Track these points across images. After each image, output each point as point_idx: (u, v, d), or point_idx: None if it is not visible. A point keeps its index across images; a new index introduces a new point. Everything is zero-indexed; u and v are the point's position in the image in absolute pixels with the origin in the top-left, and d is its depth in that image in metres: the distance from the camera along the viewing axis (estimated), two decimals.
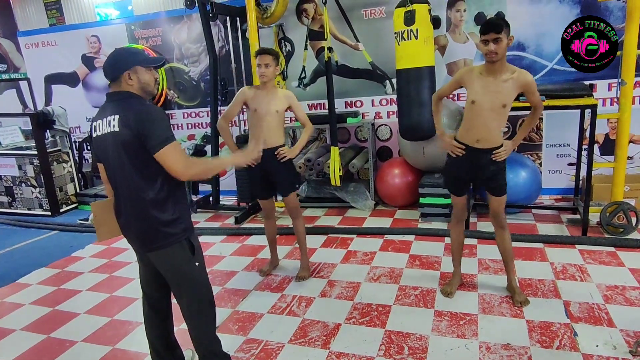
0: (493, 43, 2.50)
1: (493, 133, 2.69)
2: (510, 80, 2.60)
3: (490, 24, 2.53)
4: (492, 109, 2.63)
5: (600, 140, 4.76)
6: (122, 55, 2.03)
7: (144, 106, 1.97)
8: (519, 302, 2.88)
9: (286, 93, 3.33)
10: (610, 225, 3.82)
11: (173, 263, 2.08)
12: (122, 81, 1.99)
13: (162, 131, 1.91)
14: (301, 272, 3.54)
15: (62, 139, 6.12)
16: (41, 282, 3.86)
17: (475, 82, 2.66)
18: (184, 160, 1.93)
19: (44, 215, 5.91)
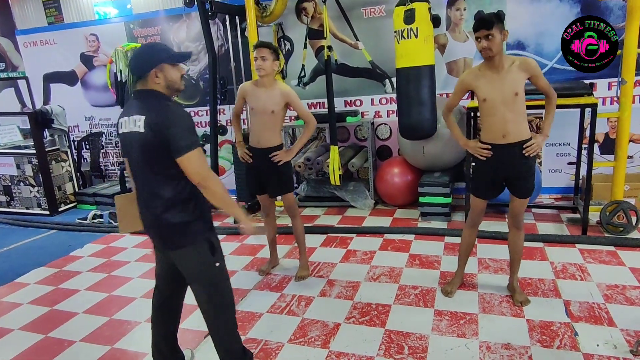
0: (485, 40, 2.50)
1: (515, 125, 2.62)
2: (513, 68, 2.59)
3: (480, 21, 2.52)
4: (504, 101, 2.60)
5: (600, 140, 4.75)
6: (148, 53, 2.01)
7: (170, 108, 1.95)
8: (519, 302, 2.87)
9: (284, 90, 3.20)
10: (610, 225, 3.82)
11: (193, 263, 2.08)
12: (149, 79, 1.98)
13: (187, 136, 1.90)
14: (300, 271, 3.53)
15: (61, 137, 6.10)
16: (39, 282, 3.84)
17: (480, 81, 2.65)
18: (204, 172, 1.93)
19: (42, 214, 5.90)
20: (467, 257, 3.10)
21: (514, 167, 2.70)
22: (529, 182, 2.74)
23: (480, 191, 2.87)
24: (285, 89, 3.24)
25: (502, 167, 2.72)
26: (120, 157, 6.71)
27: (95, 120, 6.69)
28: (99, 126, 6.71)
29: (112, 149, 6.74)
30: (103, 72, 6.36)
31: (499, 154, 2.68)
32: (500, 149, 2.67)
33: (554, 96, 2.73)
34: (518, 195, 2.77)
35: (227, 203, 2.02)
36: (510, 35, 4.74)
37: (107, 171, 6.88)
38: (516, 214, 2.84)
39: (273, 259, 3.71)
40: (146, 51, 2.03)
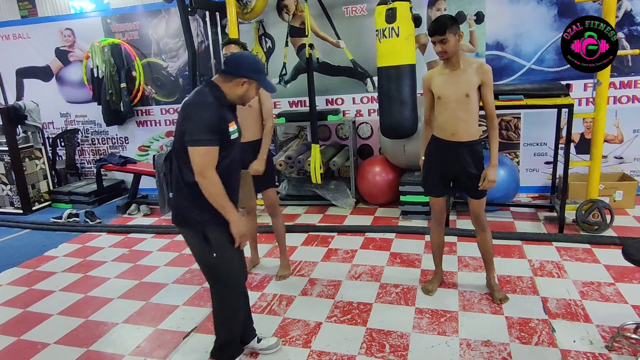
0: (440, 44, 2.58)
1: (465, 124, 2.69)
2: (469, 70, 2.65)
3: (434, 27, 2.58)
4: (457, 99, 2.66)
5: (576, 140, 4.85)
6: (253, 66, 2.13)
7: (202, 101, 2.06)
8: (499, 300, 2.91)
9: None
10: (585, 223, 3.90)
11: (193, 245, 2.26)
12: (233, 81, 2.09)
13: (196, 132, 2.00)
14: (281, 270, 3.50)
15: (35, 134, 5.93)
16: (12, 283, 3.73)
17: (437, 80, 2.74)
18: (201, 170, 2.01)
19: (15, 213, 5.73)
20: (441, 255, 3.13)
21: (461, 166, 2.76)
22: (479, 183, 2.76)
23: (431, 188, 2.93)
24: None
25: (450, 164, 2.79)
26: (96, 154, 6.56)
27: (71, 116, 6.53)
28: (75, 123, 6.54)
29: (89, 146, 6.59)
30: (79, 68, 6.22)
31: (447, 150, 2.77)
32: (449, 146, 2.75)
33: (494, 119, 2.73)
34: (470, 195, 2.84)
35: (220, 204, 2.08)
36: (489, 36, 4.80)
37: (83, 169, 6.72)
38: (477, 214, 2.88)
39: (254, 258, 3.68)
40: (253, 63, 2.14)
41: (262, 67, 2.20)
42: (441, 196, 2.93)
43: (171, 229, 4.71)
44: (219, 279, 2.28)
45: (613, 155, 4.81)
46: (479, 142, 2.75)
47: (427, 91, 2.81)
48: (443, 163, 2.81)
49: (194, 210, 2.12)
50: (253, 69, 2.12)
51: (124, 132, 6.35)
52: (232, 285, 2.30)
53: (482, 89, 2.67)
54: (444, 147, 2.77)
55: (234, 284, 2.30)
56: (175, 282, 3.53)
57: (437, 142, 2.81)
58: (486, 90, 2.67)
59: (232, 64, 2.13)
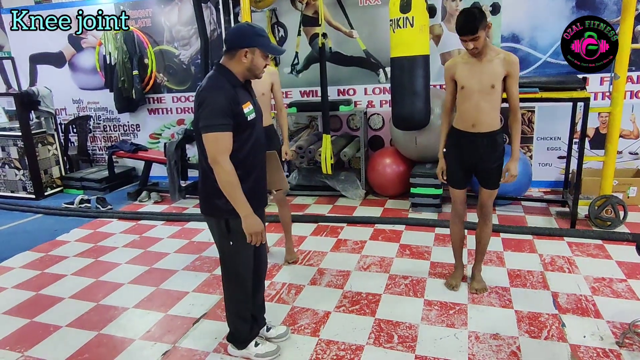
0: (472, 42, 2.51)
1: (487, 116, 2.64)
2: (496, 60, 2.59)
3: (465, 27, 2.49)
4: (481, 90, 2.61)
5: (591, 134, 4.78)
6: (248, 32, 2.06)
7: (213, 86, 2.03)
8: (475, 289, 2.94)
9: (270, 70, 3.25)
10: (598, 219, 3.86)
11: (214, 231, 2.27)
12: (236, 56, 2.05)
13: (208, 117, 1.97)
14: (288, 255, 3.55)
15: (48, 120, 5.98)
16: (24, 266, 3.78)
17: (461, 68, 2.66)
18: (214, 155, 1.99)
19: (28, 198, 5.80)
20: (462, 249, 3.08)
21: (481, 157, 2.72)
22: (496, 176, 2.75)
23: (453, 180, 2.88)
24: (271, 69, 3.29)
25: (470, 155, 2.75)
26: (108, 141, 6.61)
27: (83, 103, 6.57)
28: (87, 109, 6.58)
29: (100, 133, 6.63)
30: (92, 55, 6.24)
31: (467, 141, 2.71)
32: (469, 137, 2.70)
33: (518, 111, 2.68)
34: (486, 185, 2.80)
35: (230, 193, 2.04)
36: (505, 27, 4.73)
37: (94, 156, 6.78)
38: (483, 204, 2.86)
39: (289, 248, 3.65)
40: (247, 30, 2.07)
41: (259, 31, 2.09)
42: (463, 188, 2.88)
43: (181, 217, 4.74)
44: (232, 269, 2.29)
45: (628, 151, 4.73)
46: (499, 132, 2.69)
47: (450, 80, 2.74)
48: (463, 154, 2.77)
49: (221, 198, 2.08)
50: (250, 35, 2.05)
51: (135, 119, 6.38)
52: (242, 277, 2.29)
53: (508, 80, 2.60)
54: (464, 138, 2.72)
55: (244, 275, 2.29)
56: (185, 268, 3.56)
57: (457, 133, 2.76)
58: (511, 82, 2.60)
59: (229, 38, 2.09)
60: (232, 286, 2.34)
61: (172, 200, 5.28)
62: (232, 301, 2.37)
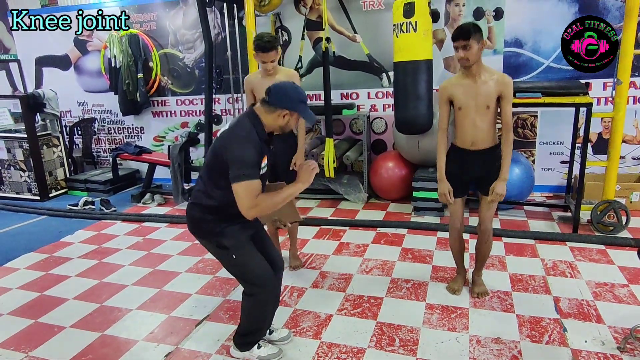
0: (463, 50, 2.56)
1: (485, 134, 2.71)
2: (490, 82, 2.64)
3: (458, 31, 2.57)
4: (477, 111, 2.67)
5: (593, 139, 4.79)
6: (295, 97, 2.12)
7: (245, 140, 2.06)
8: (476, 293, 2.96)
9: (289, 73, 3.20)
10: (600, 224, 3.86)
11: (212, 252, 2.36)
12: (275, 112, 2.12)
13: (238, 168, 2.02)
14: (293, 261, 3.54)
15: (53, 122, 6.02)
16: (29, 267, 3.81)
17: (457, 90, 2.71)
18: (247, 203, 2.03)
19: (32, 199, 5.84)
20: (462, 257, 3.08)
21: (481, 169, 2.77)
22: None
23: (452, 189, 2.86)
24: (290, 72, 3.26)
25: (470, 170, 2.80)
26: (112, 144, 6.65)
27: (88, 105, 6.62)
28: (92, 112, 6.63)
29: (105, 135, 6.68)
30: (97, 57, 6.29)
31: (468, 159, 2.77)
32: (469, 154, 2.76)
33: (510, 130, 2.69)
34: (486, 192, 2.80)
35: (285, 198, 2.13)
36: (508, 32, 4.75)
37: (99, 158, 6.82)
38: (483, 220, 2.85)
39: None
40: (294, 94, 2.13)
41: (304, 97, 2.16)
42: (462, 195, 2.89)
43: (184, 219, 4.75)
44: (246, 278, 2.31)
45: (631, 156, 4.74)
46: (497, 147, 2.75)
47: (446, 101, 2.77)
48: (463, 169, 2.81)
49: (208, 223, 2.22)
50: (296, 100, 2.12)
51: (139, 122, 6.42)
52: (260, 280, 2.29)
53: (501, 100, 2.65)
54: (465, 155, 2.77)
55: (262, 279, 2.29)
56: (188, 270, 3.58)
57: (457, 150, 2.81)
58: (505, 103, 2.65)
59: (275, 96, 2.11)
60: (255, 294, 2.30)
61: (175, 203, 5.31)
62: (258, 306, 2.34)
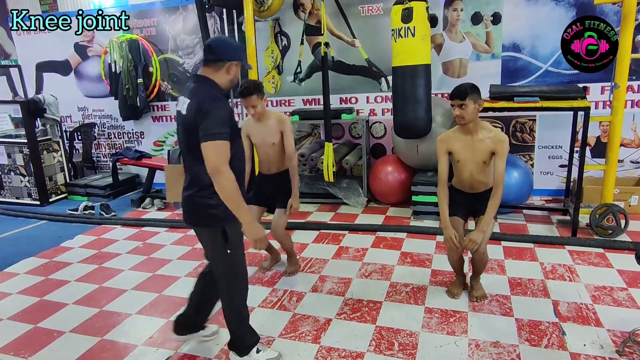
0: (459, 108, 2.64)
1: (482, 183, 2.86)
2: (486, 140, 2.72)
3: (455, 91, 2.65)
4: (474, 164, 2.79)
5: (592, 143, 4.80)
6: (235, 47, 2.15)
7: (212, 97, 2.05)
8: (475, 297, 2.98)
9: (279, 118, 3.25)
10: (599, 227, 3.86)
11: (208, 242, 2.31)
12: (221, 68, 2.10)
13: (212, 125, 1.98)
14: (290, 266, 3.53)
15: (53, 127, 6.05)
16: (29, 272, 3.81)
17: (456, 144, 2.79)
18: (216, 164, 1.99)
19: (32, 204, 5.85)
20: (462, 267, 3.07)
21: (480, 204, 2.85)
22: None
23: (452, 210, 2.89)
24: (281, 117, 3.27)
25: (470, 205, 2.94)
26: (112, 148, 6.67)
27: (88, 110, 6.64)
28: (92, 117, 6.65)
29: (105, 140, 6.69)
30: (97, 63, 6.32)
31: (467, 198, 2.93)
32: (467, 195, 2.93)
33: (501, 185, 2.70)
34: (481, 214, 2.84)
35: (233, 202, 2.07)
36: (506, 37, 4.78)
37: (99, 162, 6.83)
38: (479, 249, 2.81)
39: (274, 257, 3.67)
40: (234, 45, 2.16)
41: (241, 47, 2.23)
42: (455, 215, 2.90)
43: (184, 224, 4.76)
44: (230, 276, 2.31)
45: (629, 160, 4.75)
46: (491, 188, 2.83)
47: (444, 153, 2.83)
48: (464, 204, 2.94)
49: (217, 208, 2.12)
50: (239, 49, 2.16)
51: (139, 126, 6.44)
52: (242, 281, 2.36)
53: (495, 156, 2.72)
54: (462, 195, 2.94)
55: (243, 279, 2.36)
56: (188, 275, 3.59)
57: (456, 190, 2.96)
58: (498, 159, 2.71)
59: (218, 51, 2.10)
60: (234, 292, 2.36)
61: (175, 207, 5.32)
62: (235, 308, 2.39)
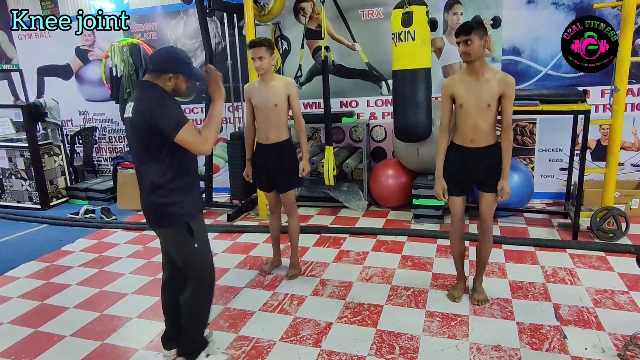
0: (464, 45, 2.59)
1: (484, 132, 2.72)
2: (492, 80, 2.66)
3: (460, 27, 2.62)
4: (478, 109, 2.68)
5: (592, 146, 4.81)
6: (174, 59, 2.15)
7: (158, 98, 2.09)
8: (477, 300, 2.96)
9: (286, 81, 3.24)
10: (600, 230, 3.86)
11: (172, 242, 2.30)
12: (161, 77, 2.13)
13: (173, 117, 2.05)
14: (291, 270, 3.53)
15: (54, 131, 6.06)
16: (30, 276, 3.81)
17: (459, 87, 2.73)
18: (198, 139, 2.09)
19: (33, 208, 5.85)
20: (463, 262, 3.09)
21: (482, 168, 2.78)
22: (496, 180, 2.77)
23: (453, 189, 2.88)
24: (287, 80, 3.27)
25: (470, 168, 2.80)
26: (113, 152, 6.68)
27: (89, 114, 6.65)
28: (93, 121, 6.67)
29: (106, 144, 6.70)
30: (98, 67, 6.33)
31: (467, 156, 2.78)
32: (468, 152, 2.77)
33: (510, 129, 2.71)
34: (486, 189, 2.80)
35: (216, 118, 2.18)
36: (506, 40, 4.79)
37: (99, 166, 6.84)
38: (484, 218, 2.85)
39: (276, 260, 3.66)
40: (173, 56, 2.17)
41: (185, 58, 2.19)
42: (463, 194, 2.89)
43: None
44: (198, 272, 2.32)
45: (630, 163, 4.75)
46: (496, 145, 2.76)
47: (448, 98, 2.79)
48: (463, 167, 2.81)
49: (175, 205, 2.18)
50: (177, 62, 2.15)
51: None
52: (211, 276, 2.38)
53: (503, 99, 2.66)
54: (464, 152, 2.79)
55: (211, 274, 2.39)
56: None
57: (456, 148, 2.82)
58: (506, 102, 2.66)
59: (155, 62, 2.16)
60: (205, 289, 2.36)
61: None
62: (202, 308, 2.38)
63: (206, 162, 5.33)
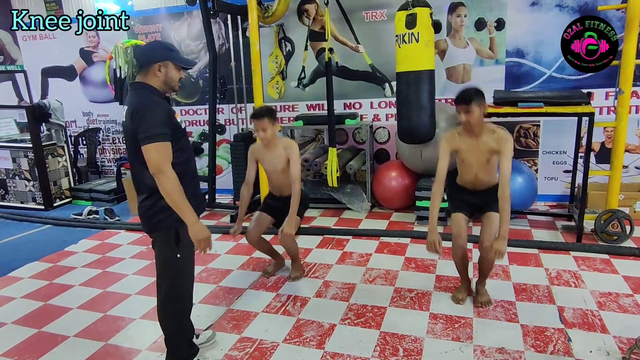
0: (465, 114, 2.65)
1: (486, 182, 2.87)
2: (490, 140, 2.73)
3: (459, 96, 2.66)
4: (478, 164, 2.81)
5: (596, 149, 4.79)
6: (158, 48, 2.16)
7: (146, 100, 2.07)
8: (480, 302, 2.96)
9: (286, 144, 3.24)
10: (604, 233, 3.85)
11: (158, 248, 2.25)
12: (150, 71, 2.11)
13: (149, 127, 1.99)
14: (294, 271, 3.53)
15: (58, 132, 6.08)
16: (33, 276, 3.82)
17: (460, 145, 2.81)
18: (158, 166, 1.99)
19: (37, 209, 5.87)
20: (466, 269, 3.08)
21: (483, 201, 2.90)
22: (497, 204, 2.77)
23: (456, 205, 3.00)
24: (288, 142, 3.28)
25: (473, 202, 2.96)
26: (117, 153, 6.70)
27: (93, 116, 6.67)
28: (97, 122, 6.69)
29: (109, 145, 6.72)
30: (102, 68, 6.35)
31: (470, 195, 2.96)
32: (470, 192, 2.96)
33: (508, 186, 2.63)
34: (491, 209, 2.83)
35: (177, 201, 2.05)
36: (510, 42, 4.79)
37: (103, 167, 6.86)
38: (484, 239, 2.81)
39: (278, 262, 3.67)
40: (156, 46, 2.18)
41: (168, 45, 2.19)
42: (464, 212, 2.94)
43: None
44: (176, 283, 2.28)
45: (634, 166, 4.74)
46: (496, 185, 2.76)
47: (447, 153, 2.83)
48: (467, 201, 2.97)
49: (167, 211, 2.10)
50: (161, 50, 2.13)
51: None
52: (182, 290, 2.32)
53: (500, 156, 2.71)
54: (466, 191, 2.98)
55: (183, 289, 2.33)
56: None
57: (459, 187, 3.01)
58: (503, 159, 2.69)
59: (140, 57, 2.16)
60: (175, 301, 2.30)
61: None
62: (175, 317, 2.33)
63: (209, 163, 5.33)
